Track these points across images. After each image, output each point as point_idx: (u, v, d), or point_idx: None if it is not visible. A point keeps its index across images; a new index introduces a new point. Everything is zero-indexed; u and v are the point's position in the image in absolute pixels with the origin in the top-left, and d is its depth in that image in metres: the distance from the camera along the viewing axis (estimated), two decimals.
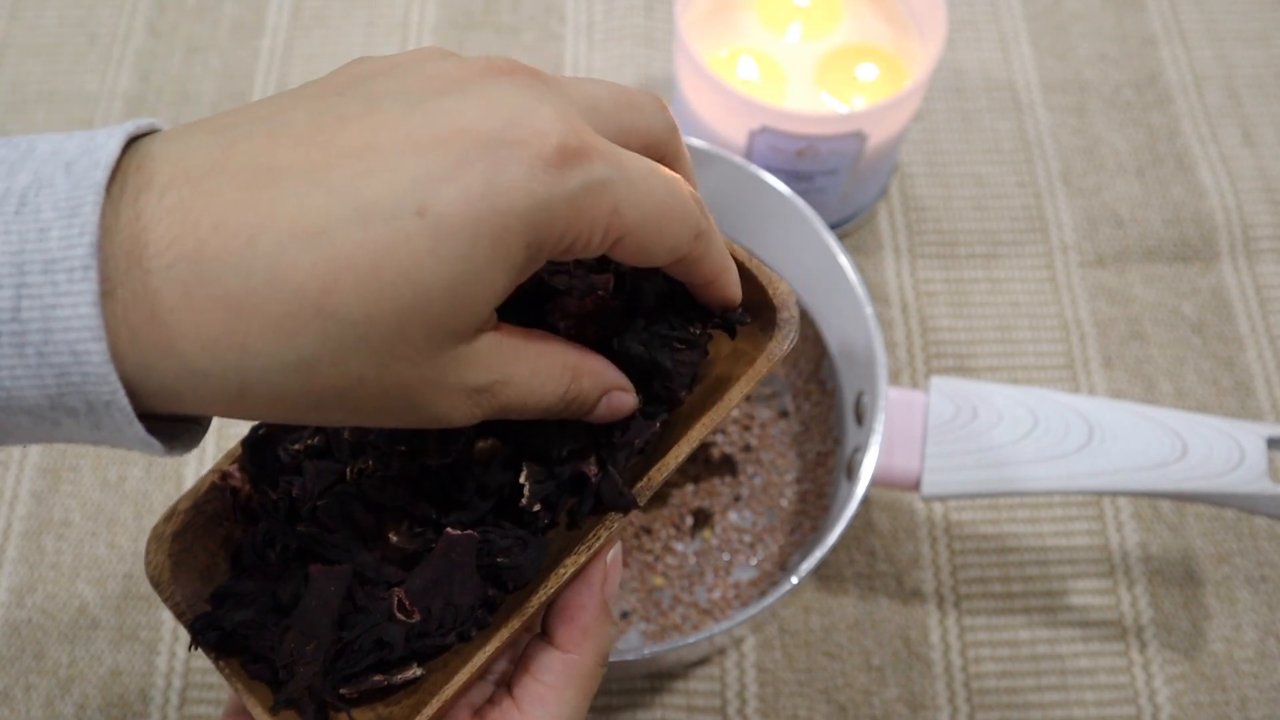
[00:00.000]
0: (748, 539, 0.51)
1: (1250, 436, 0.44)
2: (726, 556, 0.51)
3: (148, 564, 0.28)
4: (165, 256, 0.20)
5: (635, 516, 0.51)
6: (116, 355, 0.20)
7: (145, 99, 0.66)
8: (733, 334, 0.29)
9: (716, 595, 0.50)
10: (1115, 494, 0.46)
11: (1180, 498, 0.45)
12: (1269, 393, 0.57)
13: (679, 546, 0.51)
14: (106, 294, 0.20)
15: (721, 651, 0.51)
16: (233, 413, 0.22)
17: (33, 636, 0.51)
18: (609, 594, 0.29)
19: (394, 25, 0.69)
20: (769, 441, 0.53)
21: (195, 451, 0.55)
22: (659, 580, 0.50)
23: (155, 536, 0.28)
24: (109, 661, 0.50)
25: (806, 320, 0.55)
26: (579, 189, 0.22)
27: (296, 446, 0.29)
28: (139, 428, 0.21)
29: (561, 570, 0.28)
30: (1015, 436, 0.46)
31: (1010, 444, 0.46)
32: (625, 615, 0.49)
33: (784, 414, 0.54)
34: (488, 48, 0.68)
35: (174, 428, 0.23)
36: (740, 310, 0.29)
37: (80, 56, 0.67)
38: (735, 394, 0.29)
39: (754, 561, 0.51)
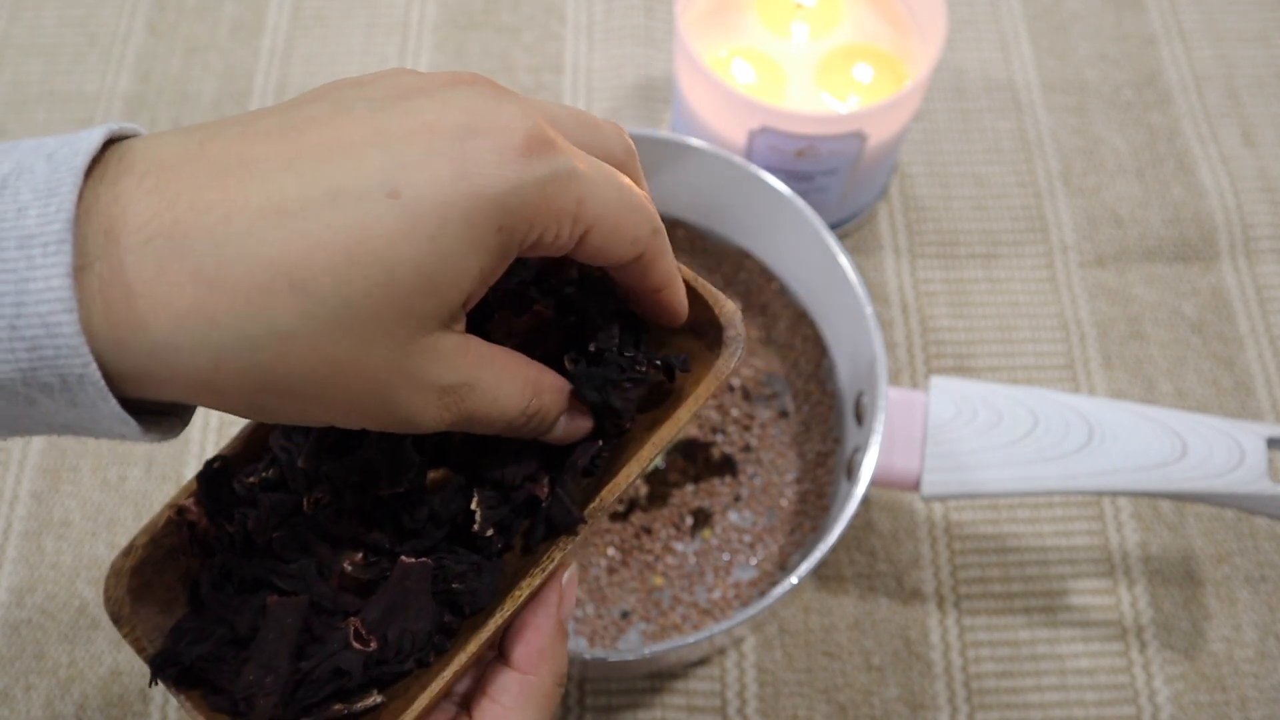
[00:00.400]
0: (748, 539, 0.51)
1: (1250, 436, 0.44)
2: (726, 556, 0.51)
3: (107, 600, 0.28)
4: (141, 234, 0.20)
5: (636, 516, 0.51)
6: (90, 331, 0.20)
7: (145, 99, 0.66)
8: (671, 378, 0.30)
9: (716, 595, 0.50)
10: (1115, 494, 0.46)
11: (1180, 498, 0.45)
12: (1269, 393, 0.57)
13: (679, 546, 0.51)
14: (82, 269, 0.20)
15: (721, 651, 0.51)
16: (205, 396, 0.22)
17: (33, 636, 0.51)
18: (564, 615, 0.29)
19: (394, 25, 0.69)
20: (769, 441, 0.53)
21: (196, 450, 0.55)
22: (659, 580, 0.50)
23: (114, 572, 0.28)
24: (109, 661, 0.50)
25: (806, 320, 0.55)
26: (548, 176, 0.23)
27: (251, 479, 0.29)
28: (114, 404, 0.21)
29: (517, 593, 0.28)
30: (1015, 436, 0.46)
31: (1010, 444, 0.46)
32: (625, 615, 0.49)
33: (784, 414, 0.54)
34: (488, 48, 0.68)
35: (155, 417, 0.24)
36: (683, 358, 0.30)
37: (80, 56, 0.67)
38: (684, 413, 0.29)
39: (754, 561, 0.51)
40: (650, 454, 0.29)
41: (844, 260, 0.49)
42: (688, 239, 0.58)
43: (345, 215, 0.21)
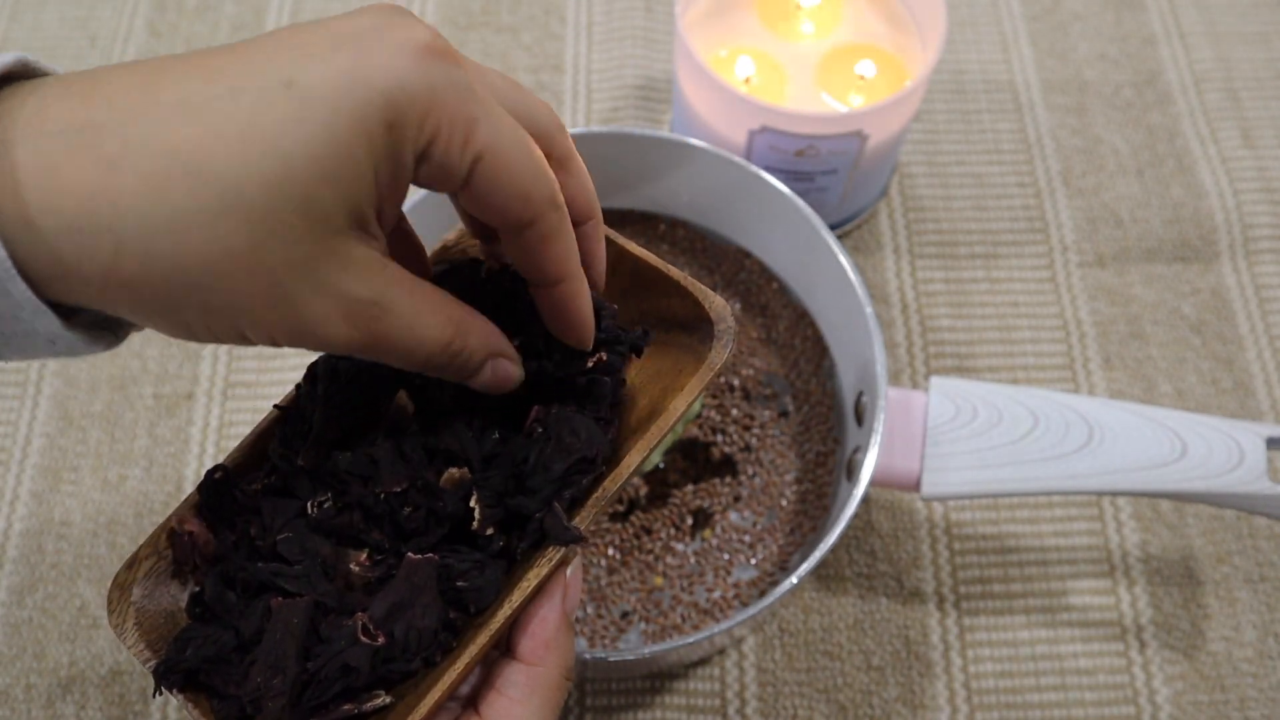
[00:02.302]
0: (748, 539, 0.51)
1: (1250, 436, 0.44)
2: (726, 556, 0.51)
3: (110, 613, 0.28)
4: (56, 125, 0.22)
5: (636, 517, 0.51)
6: None
7: None
8: (636, 350, 0.30)
9: (716, 595, 0.50)
10: (1115, 494, 0.46)
11: (1180, 498, 0.45)
12: (1269, 393, 0.57)
13: (679, 546, 0.51)
14: None
15: (721, 651, 0.51)
16: (116, 292, 0.22)
17: (33, 636, 0.51)
18: (570, 607, 0.29)
19: None
20: (769, 441, 0.53)
21: (195, 451, 0.55)
22: (659, 580, 0.50)
23: (118, 585, 0.28)
24: (109, 661, 0.50)
25: (806, 320, 0.55)
26: (441, 80, 0.23)
27: (254, 486, 0.29)
28: (23, 287, 0.22)
29: (525, 584, 0.28)
30: (1015, 436, 0.46)
31: (1010, 444, 0.46)
32: (625, 615, 0.49)
33: (784, 414, 0.54)
34: (488, 47, 0.68)
35: (89, 328, 0.24)
36: (641, 331, 0.30)
37: (80, 56, 0.67)
38: (680, 403, 0.30)
39: (754, 561, 0.51)
40: (650, 443, 0.29)
41: (844, 260, 0.49)
42: (688, 239, 0.58)
43: (243, 106, 0.22)
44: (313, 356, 0.30)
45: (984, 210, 0.63)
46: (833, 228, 0.60)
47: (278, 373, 0.57)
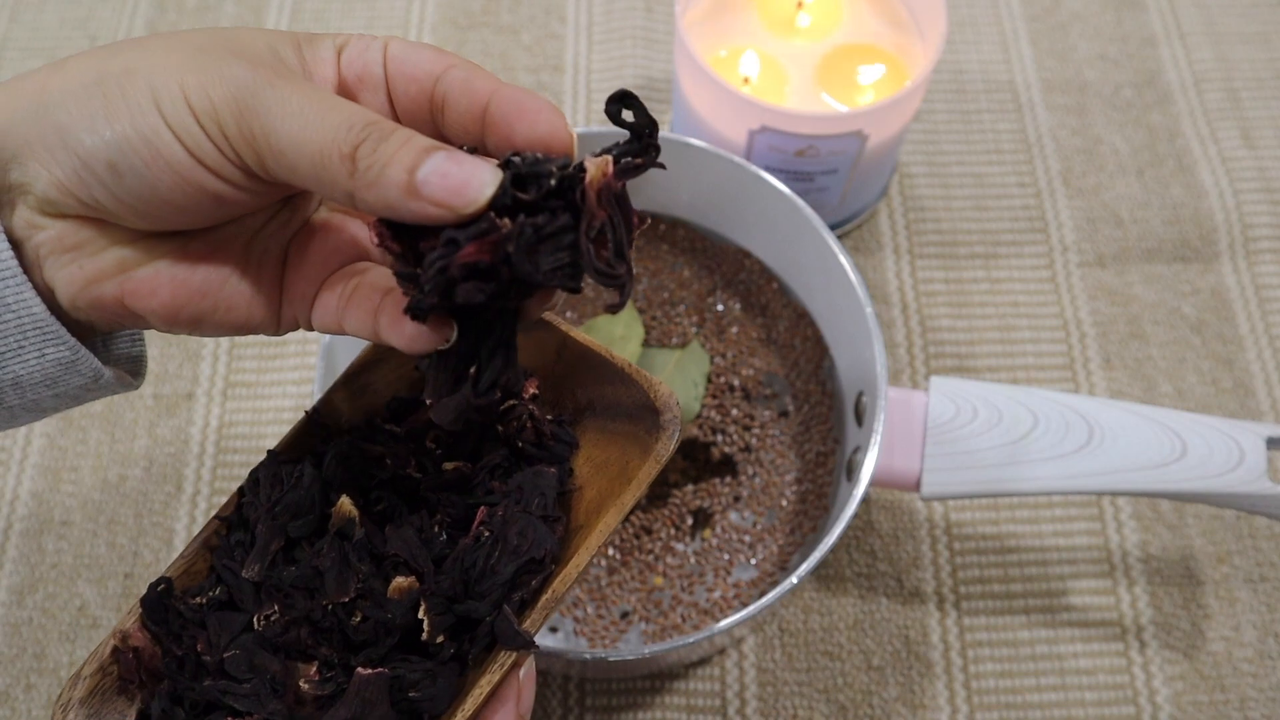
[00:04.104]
0: (748, 539, 0.51)
1: (1250, 436, 0.44)
2: (726, 556, 0.51)
3: None
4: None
5: (636, 517, 0.51)
6: None
7: None
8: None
9: (716, 595, 0.50)
10: (1115, 494, 0.46)
11: (1180, 498, 0.45)
12: (1269, 393, 0.57)
13: (679, 546, 0.51)
14: None
15: (721, 651, 0.51)
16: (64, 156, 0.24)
17: (33, 636, 0.51)
18: (524, 709, 0.29)
19: (394, 25, 0.69)
20: (769, 441, 0.53)
21: (195, 451, 0.55)
22: (659, 580, 0.50)
23: (61, 705, 0.27)
24: None
25: (806, 320, 0.55)
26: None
27: (198, 599, 0.28)
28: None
29: (477, 691, 0.27)
30: (1015, 436, 0.46)
31: (1010, 444, 0.46)
32: (625, 615, 0.49)
33: (784, 414, 0.54)
34: (488, 47, 0.68)
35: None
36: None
37: None
38: (628, 498, 0.29)
39: (754, 561, 0.51)
40: (598, 541, 0.29)
41: (844, 260, 0.49)
42: (688, 239, 0.58)
43: None
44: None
45: (984, 210, 0.63)
46: (833, 228, 0.60)
47: (278, 372, 0.57)
